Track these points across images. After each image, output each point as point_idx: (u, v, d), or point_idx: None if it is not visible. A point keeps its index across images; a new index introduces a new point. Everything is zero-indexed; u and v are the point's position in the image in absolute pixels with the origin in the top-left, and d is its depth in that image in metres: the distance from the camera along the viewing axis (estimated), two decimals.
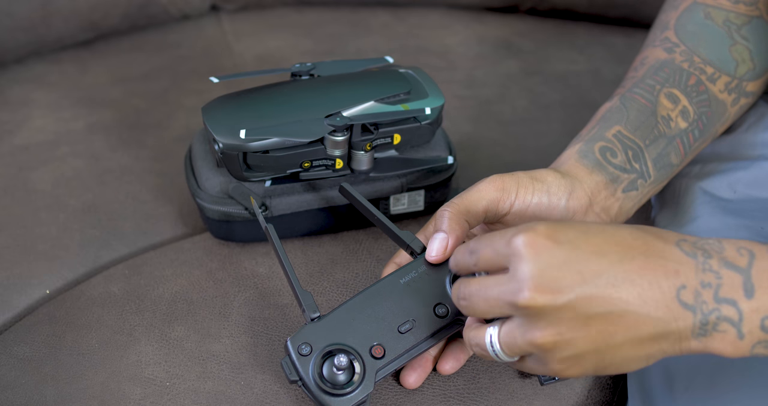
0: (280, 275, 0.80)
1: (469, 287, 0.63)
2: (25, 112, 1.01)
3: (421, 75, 0.82)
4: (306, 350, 0.67)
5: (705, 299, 0.58)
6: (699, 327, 0.58)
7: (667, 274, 0.58)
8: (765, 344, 0.59)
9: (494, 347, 0.62)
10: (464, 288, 0.63)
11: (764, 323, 0.58)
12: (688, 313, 0.58)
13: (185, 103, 1.02)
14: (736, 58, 0.82)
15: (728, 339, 0.59)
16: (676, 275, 0.58)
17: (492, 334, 0.62)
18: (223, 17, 1.17)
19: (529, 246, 0.59)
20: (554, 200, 0.72)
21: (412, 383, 0.71)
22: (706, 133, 0.81)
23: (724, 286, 0.58)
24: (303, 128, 0.76)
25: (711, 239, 0.61)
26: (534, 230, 0.59)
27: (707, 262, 0.59)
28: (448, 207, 0.70)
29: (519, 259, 0.59)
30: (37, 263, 0.84)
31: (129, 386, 0.72)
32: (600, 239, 0.59)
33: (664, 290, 0.58)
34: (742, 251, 0.60)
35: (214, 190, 0.80)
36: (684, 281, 0.58)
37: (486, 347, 0.63)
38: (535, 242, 0.59)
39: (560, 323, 0.58)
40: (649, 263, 0.58)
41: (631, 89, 0.80)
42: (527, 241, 0.59)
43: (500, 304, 0.60)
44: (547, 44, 1.14)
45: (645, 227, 0.61)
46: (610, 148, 0.76)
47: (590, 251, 0.58)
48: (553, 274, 0.58)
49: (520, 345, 0.60)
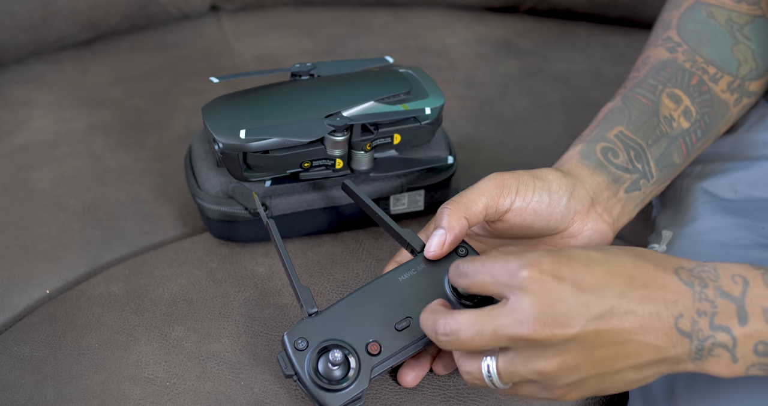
0: (280, 275, 0.80)
1: (457, 321, 0.62)
2: (25, 112, 1.01)
3: (421, 75, 0.82)
4: (302, 344, 0.67)
5: (701, 327, 0.61)
6: (695, 352, 0.61)
7: (666, 304, 0.61)
8: (759, 366, 0.62)
9: (492, 378, 0.62)
10: (451, 322, 0.62)
11: (757, 347, 0.61)
12: (685, 340, 0.61)
13: (185, 103, 1.02)
14: (739, 58, 0.82)
15: (723, 363, 0.61)
16: (674, 305, 0.61)
17: (490, 364, 0.62)
18: (223, 17, 1.17)
19: (534, 281, 0.60)
20: (555, 199, 0.72)
21: (409, 382, 0.71)
22: (709, 133, 0.81)
23: (719, 314, 0.61)
24: (303, 128, 0.76)
25: (708, 266, 0.63)
26: (538, 266, 0.60)
27: (703, 291, 0.61)
28: (448, 204, 0.70)
29: (523, 293, 0.60)
30: (37, 263, 0.84)
31: (129, 386, 0.72)
32: (603, 271, 0.61)
33: (663, 319, 0.60)
34: (736, 279, 0.62)
35: (214, 191, 0.80)
36: (681, 310, 0.61)
37: (482, 377, 0.63)
38: (540, 278, 0.60)
39: (565, 352, 0.60)
40: (650, 295, 0.61)
41: (633, 89, 0.80)
42: (532, 276, 0.60)
43: (498, 337, 0.60)
44: (547, 44, 1.14)
45: (645, 254, 0.63)
46: (612, 149, 0.76)
47: (594, 285, 0.60)
48: (559, 309, 0.59)
49: (523, 374, 0.61)
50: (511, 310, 0.60)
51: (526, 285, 0.60)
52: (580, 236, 0.74)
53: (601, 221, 0.75)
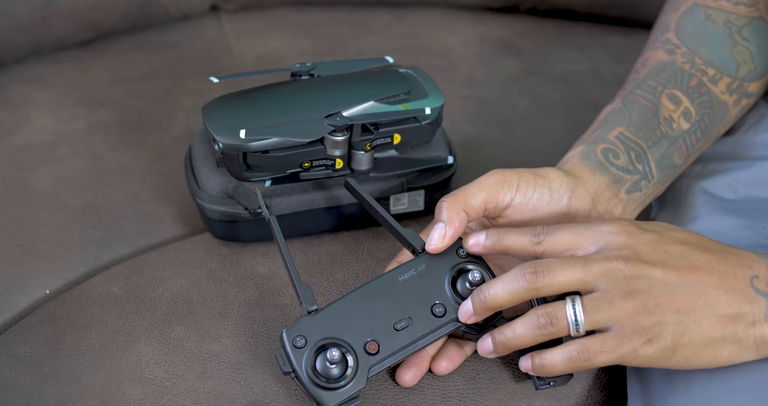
0: (280, 275, 0.81)
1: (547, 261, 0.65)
2: (25, 112, 1.01)
3: (421, 75, 0.82)
4: (301, 342, 0.67)
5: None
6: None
7: (742, 265, 0.65)
8: None
9: (578, 319, 0.64)
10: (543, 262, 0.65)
11: None
12: (760, 298, 0.64)
13: (185, 103, 1.02)
14: (737, 60, 0.82)
15: None
16: (749, 268, 0.65)
17: (576, 305, 0.64)
18: (223, 17, 1.17)
19: (620, 228, 0.66)
20: (556, 197, 0.72)
21: (407, 382, 0.71)
22: (709, 134, 0.81)
23: None
24: (303, 128, 0.76)
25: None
26: (622, 222, 0.67)
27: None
28: (447, 198, 0.71)
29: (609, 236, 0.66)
30: (37, 263, 0.84)
31: (129, 386, 0.72)
32: (684, 235, 0.67)
33: (739, 276, 0.65)
34: None
35: (214, 191, 0.80)
36: (756, 272, 0.65)
37: (566, 320, 0.64)
38: (625, 227, 0.67)
39: (649, 289, 0.64)
40: (727, 256, 0.66)
41: (632, 91, 0.80)
42: (617, 225, 0.67)
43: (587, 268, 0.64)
44: (547, 44, 1.14)
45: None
46: (613, 150, 0.76)
47: (675, 240, 0.66)
48: (643, 248, 0.65)
49: (607, 311, 0.64)
50: (599, 250, 0.65)
51: (613, 229, 0.66)
52: None
53: None
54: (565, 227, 0.68)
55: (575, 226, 0.68)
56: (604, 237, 0.66)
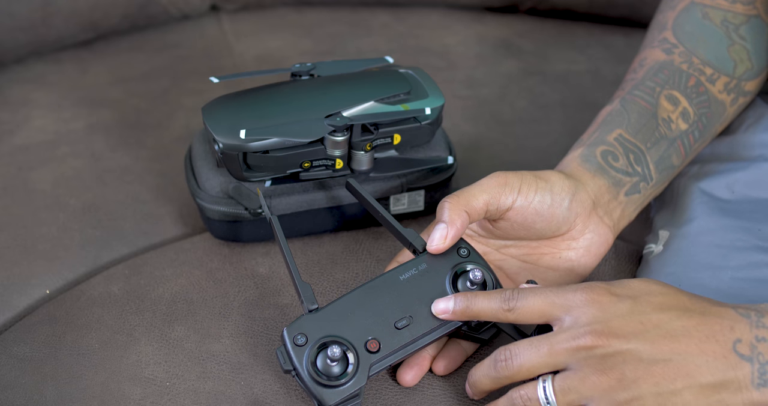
0: (280, 275, 0.81)
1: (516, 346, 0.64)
2: (25, 112, 1.01)
3: (421, 75, 0.82)
4: (301, 340, 0.67)
5: (761, 351, 0.61)
6: (758, 377, 0.61)
7: (723, 329, 0.62)
8: None
9: (549, 400, 0.62)
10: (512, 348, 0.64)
11: None
12: (745, 363, 0.61)
13: (185, 103, 1.02)
14: (735, 58, 0.82)
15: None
16: (731, 331, 0.62)
17: (546, 385, 0.63)
18: (223, 17, 1.17)
19: (591, 299, 0.63)
20: (557, 200, 0.72)
21: (408, 381, 0.71)
22: (706, 134, 0.81)
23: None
24: (303, 128, 0.76)
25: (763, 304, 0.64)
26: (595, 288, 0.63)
27: (760, 320, 0.62)
28: (448, 199, 0.71)
29: (580, 309, 0.62)
30: (37, 263, 0.84)
31: (129, 386, 0.72)
32: (661, 299, 0.63)
33: (720, 342, 0.61)
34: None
35: (214, 191, 0.80)
36: (739, 336, 0.61)
37: (538, 400, 0.63)
38: (598, 296, 0.63)
39: (624, 365, 0.61)
40: (706, 320, 0.62)
41: (631, 92, 0.80)
42: (589, 294, 0.63)
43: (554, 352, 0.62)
44: (547, 44, 1.14)
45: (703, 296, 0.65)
46: (612, 152, 0.77)
47: (652, 307, 0.62)
48: (616, 322, 0.62)
49: (581, 391, 0.61)
50: (567, 327, 0.62)
51: (584, 301, 0.62)
52: (581, 239, 0.75)
53: (602, 224, 0.75)
54: (535, 293, 0.65)
55: (545, 292, 0.65)
56: (575, 310, 0.63)
